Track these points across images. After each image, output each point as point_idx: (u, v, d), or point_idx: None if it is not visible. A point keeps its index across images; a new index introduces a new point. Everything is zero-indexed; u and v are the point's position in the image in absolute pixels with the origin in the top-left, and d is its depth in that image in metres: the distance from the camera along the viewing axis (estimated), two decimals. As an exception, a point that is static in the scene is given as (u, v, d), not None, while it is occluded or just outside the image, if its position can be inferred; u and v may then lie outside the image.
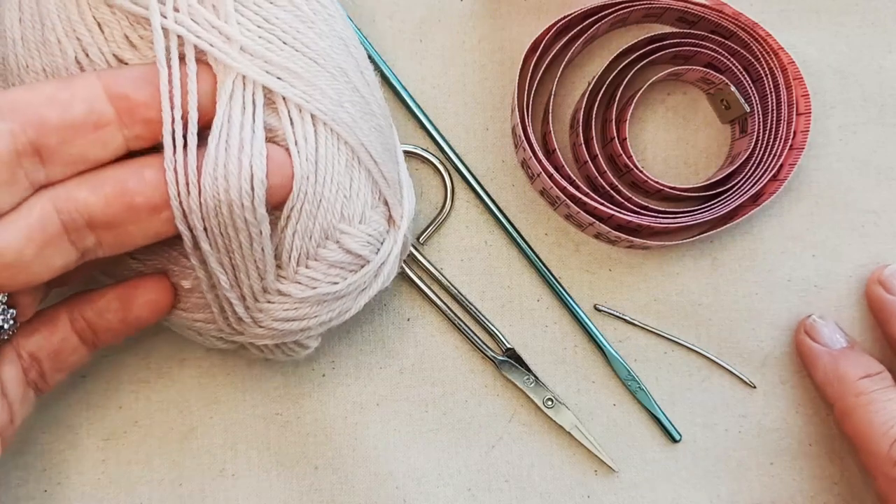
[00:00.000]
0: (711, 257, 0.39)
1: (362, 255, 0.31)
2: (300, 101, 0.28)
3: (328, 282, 0.31)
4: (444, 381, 0.38)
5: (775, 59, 0.36)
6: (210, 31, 0.27)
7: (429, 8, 0.39)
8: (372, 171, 0.31)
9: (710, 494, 0.38)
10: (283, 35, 0.28)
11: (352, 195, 0.30)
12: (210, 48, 0.27)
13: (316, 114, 0.28)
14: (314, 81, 0.29)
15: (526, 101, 0.36)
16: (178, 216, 0.27)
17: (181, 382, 0.38)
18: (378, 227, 0.32)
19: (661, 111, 0.39)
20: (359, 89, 0.30)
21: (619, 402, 0.38)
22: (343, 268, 0.31)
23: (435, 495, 0.38)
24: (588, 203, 0.36)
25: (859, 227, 0.39)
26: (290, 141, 0.28)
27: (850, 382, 0.35)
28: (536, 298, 0.39)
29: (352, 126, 0.30)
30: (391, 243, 0.33)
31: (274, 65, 0.28)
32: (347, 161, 0.30)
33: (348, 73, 0.30)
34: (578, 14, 0.37)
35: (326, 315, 0.31)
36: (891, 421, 0.33)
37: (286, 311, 0.30)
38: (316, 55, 0.29)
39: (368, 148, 0.30)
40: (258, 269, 0.29)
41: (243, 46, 0.27)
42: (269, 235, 0.28)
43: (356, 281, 0.31)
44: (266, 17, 0.28)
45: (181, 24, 0.27)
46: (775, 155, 0.36)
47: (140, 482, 0.37)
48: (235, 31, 0.27)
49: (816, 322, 0.37)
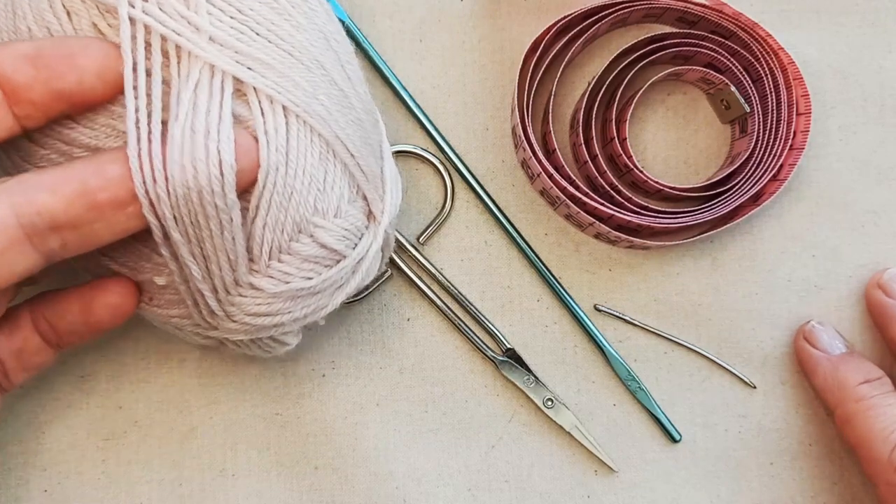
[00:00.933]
0: (711, 257, 0.39)
1: (338, 250, 0.31)
2: (271, 92, 0.28)
3: (302, 276, 0.30)
4: (444, 381, 0.38)
5: (775, 59, 0.36)
6: (178, 21, 0.27)
7: (429, 8, 0.39)
8: (349, 164, 0.31)
9: (710, 494, 0.38)
10: (256, 26, 0.28)
11: (326, 188, 0.30)
12: (177, 37, 0.27)
13: (287, 105, 0.28)
14: (287, 73, 0.28)
15: (526, 101, 0.36)
16: (146, 206, 0.26)
17: (181, 382, 0.38)
18: (355, 222, 0.31)
19: (661, 111, 0.39)
20: (337, 83, 0.30)
21: (619, 402, 0.38)
22: (318, 262, 0.30)
23: (435, 495, 0.38)
24: (588, 203, 0.36)
25: (859, 227, 0.39)
26: (260, 131, 0.28)
27: (849, 388, 0.35)
28: (536, 298, 0.39)
29: (326, 119, 0.29)
30: (370, 238, 0.32)
31: (245, 55, 0.28)
32: (321, 154, 0.29)
33: (326, 66, 0.30)
34: (578, 14, 0.37)
35: (301, 311, 0.31)
36: (891, 426, 0.33)
37: (259, 305, 0.30)
38: (291, 47, 0.29)
39: (345, 141, 0.30)
40: (230, 259, 0.29)
41: (213, 36, 0.27)
42: (241, 225, 0.28)
43: (331, 277, 0.31)
44: (240, 9, 0.28)
45: (149, 13, 0.27)
46: (775, 155, 0.36)
47: (140, 482, 0.37)
48: (205, 21, 0.27)
49: (815, 328, 0.37)
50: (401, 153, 0.39)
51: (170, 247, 0.28)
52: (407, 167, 0.39)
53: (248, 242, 0.29)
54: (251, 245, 0.29)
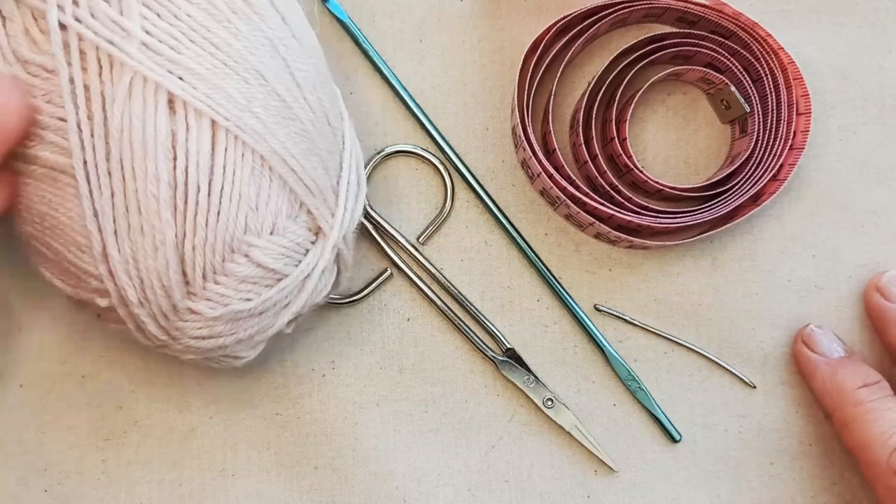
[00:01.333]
0: (711, 257, 0.39)
1: (276, 269, 0.30)
2: (200, 106, 0.27)
3: (240, 298, 0.29)
4: (444, 381, 0.38)
5: (775, 59, 0.36)
6: (109, 27, 0.26)
7: (429, 8, 0.39)
8: (288, 179, 0.29)
9: (710, 494, 0.38)
10: (191, 33, 0.27)
11: (259, 205, 0.29)
12: (106, 45, 0.26)
13: (217, 119, 0.27)
14: (219, 84, 0.27)
15: (526, 101, 0.36)
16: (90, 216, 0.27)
17: (181, 382, 0.38)
18: (296, 239, 0.30)
19: (661, 111, 0.39)
20: (279, 93, 0.29)
21: (619, 402, 0.38)
22: (256, 283, 0.29)
23: (435, 495, 0.38)
24: (588, 203, 0.36)
25: (859, 227, 0.39)
26: (181, 149, 0.27)
27: (848, 392, 0.35)
28: (536, 298, 0.39)
29: (262, 132, 0.28)
30: (316, 255, 0.31)
31: (177, 64, 0.27)
32: (254, 169, 0.28)
33: (266, 76, 0.28)
34: (578, 14, 0.37)
35: (245, 332, 0.30)
36: (890, 430, 0.33)
37: (200, 329, 0.29)
38: (227, 56, 0.28)
39: (283, 155, 0.29)
40: (164, 285, 0.28)
41: (145, 43, 0.26)
42: (173, 245, 0.27)
43: (273, 297, 0.30)
44: (175, 14, 0.27)
45: (79, 18, 0.26)
46: (775, 155, 0.36)
47: (140, 482, 0.37)
48: (136, 26, 0.26)
49: (814, 332, 0.37)
50: (401, 153, 0.39)
51: (107, 265, 0.28)
52: (407, 167, 0.39)
53: (181, 266, 0.28)
54: (184, 268, 0.28)
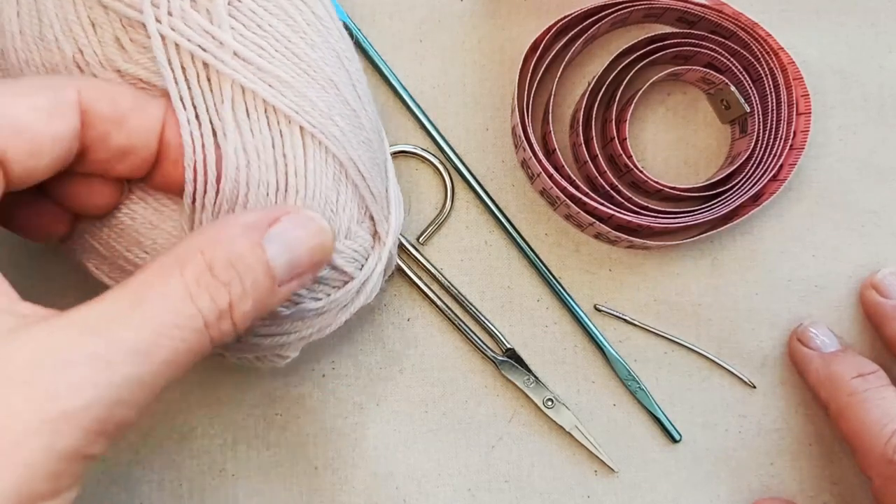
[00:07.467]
0: (711, 257, 0.39)
1: (347, 272, 0.30)
2: (290, 112, 0.27)
3: (311, 297, 0.30)
4: (444, 381, 0.38)
5: (775, 59, 0.36)
6: (203, 36, 0.27)
7: (429, 8, 0.39)
8: (359, 185, 0.30)
9: (710, 494, 0.38)
10: (275, 43, 0.28)
11: (338, 210, 0.29)
12: (203, 53, 0.26)
13: (304, 125, 0.28)
14: (305, 92, 0.28)
15: (526, 101, 0.36)
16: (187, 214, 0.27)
17: (181, 382, 0.38)
18: (363, 243, 0.31)
19: (661, 111, 0.39)
20: (349, 102, 0.30)
21: (619, 402, 0.38)
22: (327, 284, 0.30)
23: (435, 495, 0.38)
24: (588, 203, 0.36)
25: (859, 227, 0.39)
26: (278, 153, 0.27)
27: (843, 382, 0.35)
28: (536, 298, 0.39)
29: (341, 140, 0.29)
30: (375, 260, 0.32)
31: (266, 72, 0.27)
32: (335, 175, 0.29)
33: (339, 85, 0.29)
34: (578, 14, 0.37)
35: (307, 331, 0.31)
36: (885, 419, 0.33)
37: (268, 326, 0.30)
38: (307, 66, 0.28)
39: (357, 162, 0.30)
40: None
41: (236, 52, 0.27)
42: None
43: (339, 298, 0.31)
44: (260, 24, 0.28)
45: (175, 28, 0.26)
46: (775, 155, 0.36)
47: (140, 482, 0.37)
48: (228, 36, 0.27)
49: (808, 328, 0.37)
50: (401, 153, 0.39)
51: None
52: (407, 167, 0.39)
53: None
54: None
